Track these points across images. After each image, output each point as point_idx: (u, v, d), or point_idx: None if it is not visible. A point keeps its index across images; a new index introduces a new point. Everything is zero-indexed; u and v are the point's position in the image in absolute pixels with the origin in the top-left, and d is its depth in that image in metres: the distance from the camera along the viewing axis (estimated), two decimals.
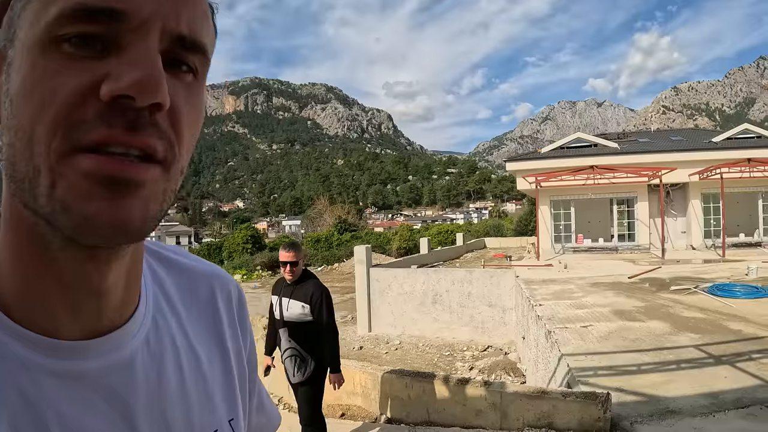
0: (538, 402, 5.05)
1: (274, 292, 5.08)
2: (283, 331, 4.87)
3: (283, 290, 4.95)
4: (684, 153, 26.10)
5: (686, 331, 8.82)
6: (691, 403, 5.52)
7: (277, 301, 4.96)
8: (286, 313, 4.88)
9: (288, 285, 4.94)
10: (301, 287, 4.90)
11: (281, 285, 5.02)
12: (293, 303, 4.86)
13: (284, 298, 4.90)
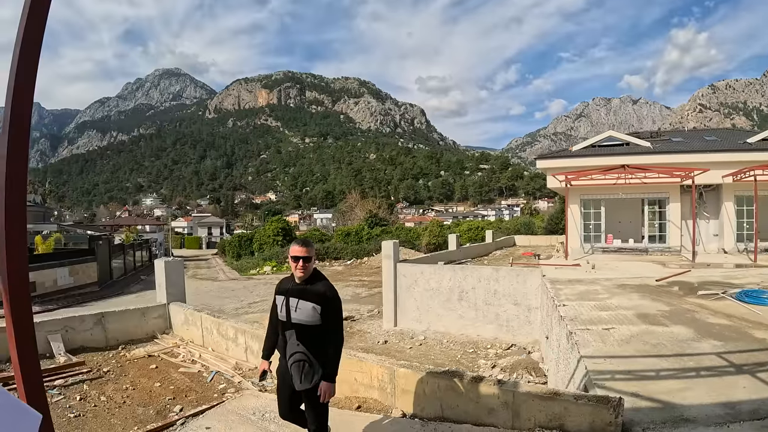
0: (550, 403, 5.14)
1: (280, 292, 4.61)
2: (290, 333, 4.47)
3: (291, 290, 4.53)
4: (717, 154, 25.55)
5: (709, 337, 8.75)
6: (706, 412, 5.53)
7: (283, 301, 4.52)
8: (295, 315, 4.45)
9: (297, 284, 4.54)
10: (311, 287, 4.51)
11: (288, 284, 4.60)
12: (303, 304, 4.44)
13: (293, 299, 4.48)
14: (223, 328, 9.14)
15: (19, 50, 2.91)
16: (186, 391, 7.45)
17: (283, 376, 4.60)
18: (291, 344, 4.44)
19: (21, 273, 3.00)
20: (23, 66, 2.96)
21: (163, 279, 10.93)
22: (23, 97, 2.95)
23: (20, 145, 2.92)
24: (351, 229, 59.56)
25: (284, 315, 4.48)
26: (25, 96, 2.96)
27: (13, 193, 2.90)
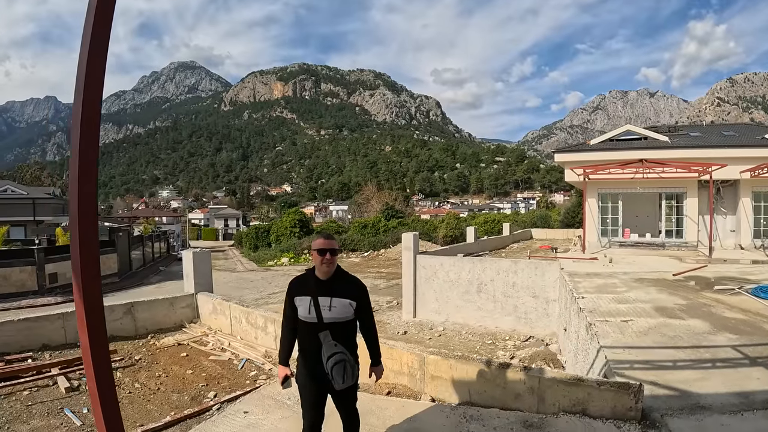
0: (574, 389, 5.39)
1: (302, 293, 4.25)
2: (325, 334, 4.12)
3: (318, 289, 4.21)
4: (735, 149, 25.50)
5: (725, 331, 8.93)
6: (721, 400, 5.75)
7: (309, 302, 4.18)
8: (328, 314, 4.17)
9: (322, 282, 4.25)
10: (342, 283, 4.31)
11: (310, 284, 4.28)
12: (338, 301, 4.20)
13: (323, 298, 4.18)
14: (253, 318, 9.43)
15: (87, 54, 3.15)
16: (218, 378, 7.75)
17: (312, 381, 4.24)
18: (328, 345, 4.09)
19: (93, 259, 3.22)
20: (91, 68, 3.18)
21: (191, 269, 11.22)
22: (92, 103, 3.17)
23: (91, 143, 3.14)
24: (368, 221, 59.74)
25: (314, 316, 4.15)
26: (94, 98, 3.18)
27: (84, 186, 3.12)
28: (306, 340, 4.21)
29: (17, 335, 9.13)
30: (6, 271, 23.77)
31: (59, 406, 6.68)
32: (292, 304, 4.25)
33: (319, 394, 4.27)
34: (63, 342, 9.47)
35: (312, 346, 4.13)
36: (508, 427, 5.22)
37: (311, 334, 4.12)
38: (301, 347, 4.28)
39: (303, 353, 4.26)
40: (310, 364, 4.18)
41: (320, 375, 4.09)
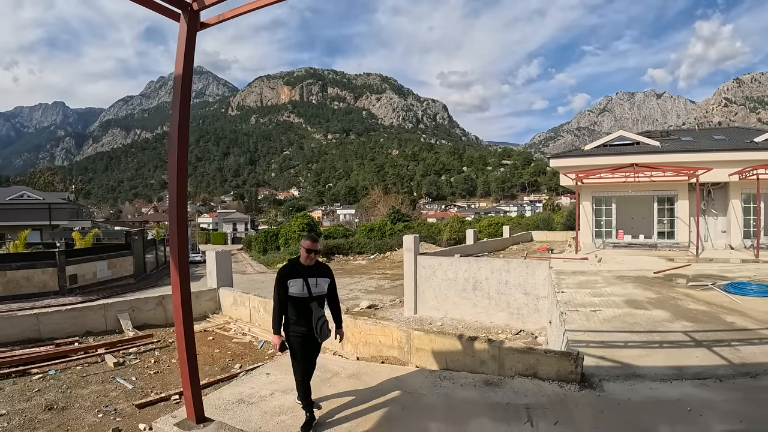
0: (526, 356, 6.80)
1: (295, 275, 5.62)
2: (315, 304, 5.62)
3: (305, 272, 5.65)
4: (723, 153, 26.45)
5: (683, 319, 10.17)
6: (657, 372, 7.07)
7: (302, 282, 5.57)
8: (316, 289, 5.67)
9: (306, 268, 5.69)
10: (318, 268, 5.81)
11: (297, 268, 5.68)
12: (321, 280, 5.74)
13: (311, 278, 5.64)
14: (270, 306, 10.81)
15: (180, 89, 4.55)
16: (241, 355, 9.18)
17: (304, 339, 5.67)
18: (317, 311, 5.60)
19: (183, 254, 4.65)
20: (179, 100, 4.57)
21: (214, 267, 12.68)
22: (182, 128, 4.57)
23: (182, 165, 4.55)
24: (374, 224, 60.80)
25: (306, 292, 5.58)
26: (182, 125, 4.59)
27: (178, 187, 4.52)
28: (299, 311, 5.60)
29: (64, 323, 10.57)
30: (29, 272, 24.98)
31: (110, 376, 8.09)
32: (285, 285, 5.59)
33: (310, 348, 5.78)
34: (104, 329, 10.92)
35: (304, 314, 5.58)
36: (472, 384, 6.67)
37: (303, 305, 5.59)
38: (294, 317, 5.64)
39: (296, 321, 5.64)
40: (302, 327, 5.61)
41: (309, 334, 5.60)
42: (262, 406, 6.25)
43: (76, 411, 6.66)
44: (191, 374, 5.06)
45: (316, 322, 5.57)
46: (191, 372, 5.08)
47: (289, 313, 5.67)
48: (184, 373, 5.08)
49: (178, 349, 5.20)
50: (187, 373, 5.02)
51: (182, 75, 4.72)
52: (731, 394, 6.15)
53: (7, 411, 6.62)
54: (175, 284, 5.01)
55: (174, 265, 5.10)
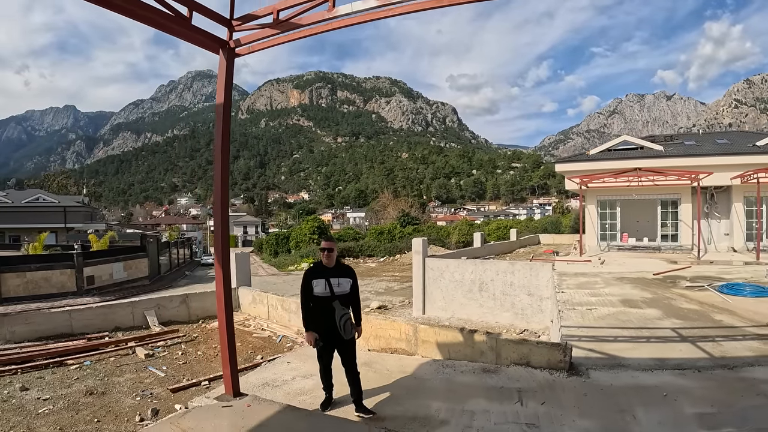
0: (520, 347, 7.57)
1: (318, 276, 6.10)
2: (337, 303, 6.03)
3: (328, 273, 6.11)
4: (725, 157, 26.87)
5: (673, 317, 10.84)
6: (640, 362, 7.78)
7: (325, 282, 6.03)
8: (338, 288, 6.08)
9: (328, 269, 6.15)
10: (340, 269, 6.24)
11: (320, 270, 6.17)
12: (343, 280, 6.16)
13: (333, 278, 6.08)
14: (287, 304, 11.63)
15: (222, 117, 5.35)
16: (262, 348, 9.97)
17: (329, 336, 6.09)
18: (339, 310, 6.04)
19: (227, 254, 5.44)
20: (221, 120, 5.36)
21: (234, 267, 13.46)
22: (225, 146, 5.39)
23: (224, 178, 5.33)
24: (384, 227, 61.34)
25: (328, 291, 6.02)
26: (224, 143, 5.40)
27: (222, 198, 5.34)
28: (322, 309, 6.06)
29: (95, 319, 11.39)
30: (47, 273, 25.70)
31: (143, 366, 8.88)
32: (310, 285, 6.08)
33: (331, 343, 6.19)
34: (131, 325, 11.74)
35: (327, 312, 6.03)
36: (471, 371, 7.45)
37: (326, 303, 6.04)
38: (319, 315, 6.10)
39: (320, 319, 6.10)
40: (325, 324, 6.07)
41: (332, 330, 6.06)
42: (285, 388, 7.02)
43: (115, 395, 7.43)
44: (230, 356, 5.89)
45: (339, 319, 6.05)
46: (230, 354, 5.91)
47: (316, 311, 6.11)
48: (224, 355, 5.90)
49: (220, 334, 6.07)
50: (227, 355, 5.85)
51: (224, 100, 5.50)
52: (707, 383, 6.79)
53: (50, 396, 7.38)
54: (219, 279, 5.87)
55: (218, 263, 5.99)
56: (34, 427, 6.31)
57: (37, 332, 10.78)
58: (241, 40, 5.56)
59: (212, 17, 5.34)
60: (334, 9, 4.87)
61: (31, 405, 7.05)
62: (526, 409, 6.07)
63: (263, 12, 5.30)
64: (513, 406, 6.19)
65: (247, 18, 5.44)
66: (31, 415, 6.69)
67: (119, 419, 6.53)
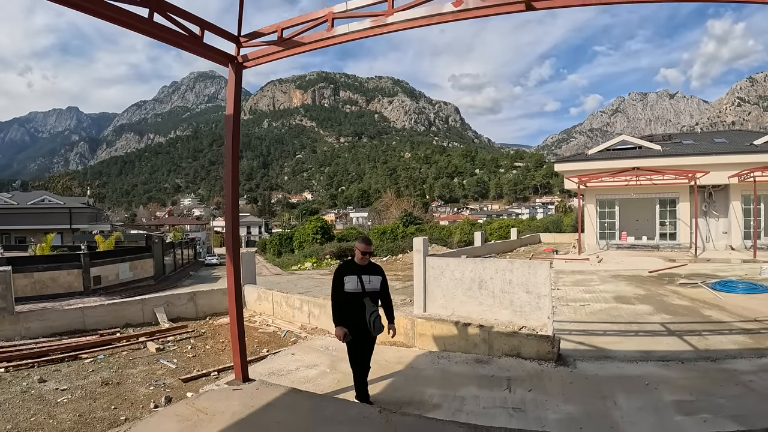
0: (511, 339, 8.04)
1: (350, 273, 6.24)
2: (368, 299, 6.16)
3: (360, 270, 6.27)
4: (722, 156, 27.22)
5: (663, 313, 11.28)
6: (626, 354, 8.23)
7: (356, 279, 6.17)
8: (369, 285, 6.23)
9: (360, 266, 6.32)
10: (373, 267, 6.45)
11: (354, 268, 6.32)
12: (374, 278, 6.32)
13: (365, 276, 6.23)
14: (291, 301, 12.09)
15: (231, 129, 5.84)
16: (267, 342, 10.41)
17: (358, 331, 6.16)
18: (369, 306, 6.16)
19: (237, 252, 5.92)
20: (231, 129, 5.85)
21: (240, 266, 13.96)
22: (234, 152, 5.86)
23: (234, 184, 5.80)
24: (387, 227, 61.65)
25: (360, 288, 6.16)
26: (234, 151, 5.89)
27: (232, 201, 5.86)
28: (353, 305, 6.16)
29: (106, 315, 11.86)
30: (55, 273, 26.16)
31: (154, 359, 9.31)
32: (341, 281, 6.20)
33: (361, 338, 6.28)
34: (141, 321, 12.21)
35: (358, 308, 6.16)
36: (465, 362, 7.92)
37: (357, 300, 6.16)
38: (349, 311, 6.18)
39: (350, 315, 6.17)
40: (355, 320, 6.16)
41: (362, 326, 6.17)
42: (290, 377, 7.48)
43: (130, 385, 7.86)
44: (240, 345, 6.41)
45: (369, 316, 6.18)
46: (240, 343, 6.43)
47: (346, 307, 6.21)
48: (234, 344, 6.42)
49: (230, 325, 6.61)
50: (237, 344, 6.36)
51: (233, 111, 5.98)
52: (689, 374, 7.22)
53: (68, 386, 7.81)
54: (230, 274, 6.41)
55: (229, 260, 6.63)
56: (55, 414, 6.69)
57: (51, 328, 11.24)
58: (248, 56, 6.07)
59: (221, 35, 5.82)
60: (333, 29, 5.35)
61: (50, 395, 7.44)
62: (513, 396, 6.52)
63: (268, 30, 5.79)
64: (502, 392, 6.64)
65: (254, 35, 5.93)
66: (50, 403, 7.08)
67: (135, 406, 6.95)
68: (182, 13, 5.11)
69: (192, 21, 5.28)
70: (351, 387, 6.56)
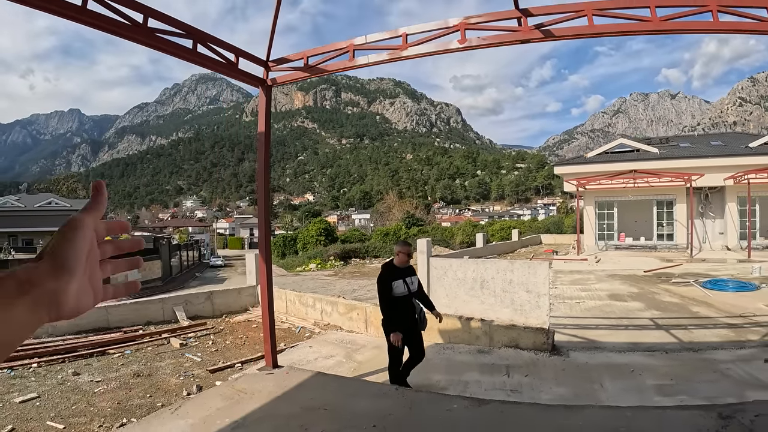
0: (510, 331, 8.77)
1: (395, 278, 6.48)
2: (413, 299, 6.66)
3: (402, 273, 6.56)
4: (718, 158, 27.89)
5: (654, 309, 11.97)
6: (615, 346, 8.93)
7: (402, 283, 6.46)
8: (412, 287, 6.63)
9: (401, 269, 6.60)
10: (410, 269, 6.75)
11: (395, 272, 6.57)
12: (414, 279, 6.74)
13: (407, 278, 6.56)
14: (304, 299, 12.86)
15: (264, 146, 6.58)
16: (283, 337, 11.12)
17: (407, 330, 6.50)
18: (416, 305, 6.73)
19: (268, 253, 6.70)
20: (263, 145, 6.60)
21: (253, 267, 14.71)
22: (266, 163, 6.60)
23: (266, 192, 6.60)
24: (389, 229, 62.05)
25: (406, 290, 6.51)
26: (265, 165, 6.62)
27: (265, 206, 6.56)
28: (403, 307, 6.54)
29: (129, 314, 12.60)
30: None
31: (179, 353, 10.03)
32: (390, 287, 6.42)
33: (411, 336, 6.63)
34: (162, 319, 12.94)
35: (408, 309, 6.59)
36: (468, 352, 8.67)
37: (407, 302, 6.59)
38: (399, 313, 6.51)
39: (400, 317, 6.51)
40: (403, 320, 6.50)
41: (412, 325, 6.62)
42: (311, 366, 8.21)
43: (161, 376, 8.57)
44: (271, 334, 7.15)
45: (418, 314, 6.71)
46: (271, 332, 7.17)
47: (396, 312, 6.48)
48: (266, 334, 7.17)
49: (262, 317, 7.36)
50: (268, 334, 7.09)
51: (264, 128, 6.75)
52: (671, 362, 7.93)
53: (102, 378, 8.50)
54: (263, 273, 7.19)
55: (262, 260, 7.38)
56: (94, 402, 7.35)
57: (77, 326, 11.93)
58: (276, 79, 6.87)
59: (253, 60, 6.58)
60: (354, 59, 6.12)
61: (86, 386, 8.08)
62: (511, 380, 7.26)
63: (295, 57, 6.58)
64: (501, 377, 7.39)
65: (282, 61, 6.72)
66: (88, 394, 7.72)
67: (168, 394, 7.64)
68: (220, 42, 5.87)
69: (228, 49, 6.04)
70: (366, 374, 7.35)
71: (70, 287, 0.72)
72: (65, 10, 4.32)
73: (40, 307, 0.69)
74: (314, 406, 5.54)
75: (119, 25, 4.74)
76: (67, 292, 0.71)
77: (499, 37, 5.68)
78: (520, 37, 5.59)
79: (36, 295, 0.68)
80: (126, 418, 6.62)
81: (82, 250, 0.75)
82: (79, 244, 0.75)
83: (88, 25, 4.53)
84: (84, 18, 4.46)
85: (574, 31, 5.49)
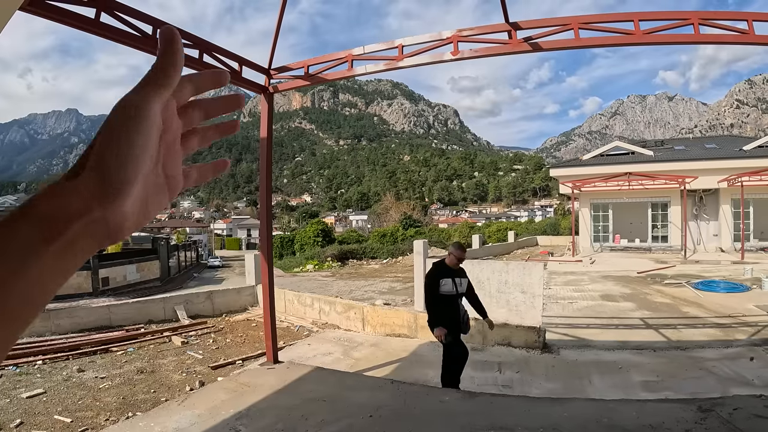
0: (503, 330, 9.05)
1: (445, 276, 6.49)
2: (460, 299, 6.60)
3: (453, 273, 6.57)
4: (712, 161, 28.20)
5: (645, 309, 12.23)
6: (605, 344, 9.21)
7: (451, 282, 6.44)
8: (461, 288, 6.57)
9: (453, 269, 6.61)
10: (461, 270, 6.76)
11: (445, 270, 6.59)
12: (464, 280, 6.69)
13: (457, 278, 6.54)
14: (302, 298, 13.14)
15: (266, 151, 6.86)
16: (283, 336, 11.36)
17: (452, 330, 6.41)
18: (461, 307, 6.63)
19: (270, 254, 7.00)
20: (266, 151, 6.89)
21: (252, 267, 15.01)
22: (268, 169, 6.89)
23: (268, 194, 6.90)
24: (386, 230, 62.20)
25: (454, 290, 6.47)
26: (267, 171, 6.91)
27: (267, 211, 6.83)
28: (448, 305, 6.48)
29: (131, 313, 12.89)
30: None
31: (181, 351, 10.30)
32: (437, 283, 6.44)
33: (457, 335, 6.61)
34: (163, 318, 13.22)
35: (453, 308, 6.52)
36: None
37: (452, 301, 6.53)
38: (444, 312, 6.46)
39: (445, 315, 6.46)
40: (449, 319, 6.46)
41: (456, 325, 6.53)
42: (309, 362, 8.46)
43: (164, 372, 8.83)
44: (272, 332, 7.42)
45: (462, 316, 6.62)
46: (272, 329, 7.45)
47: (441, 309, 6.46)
48: (267, 331, 7.47)
49: (264, 315, 7.65)
50: (269, 331, 7.37)
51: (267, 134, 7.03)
52: (658, 360, 8.21)
53: (106, 375, 8.75)
54: (264, 272, 7.43)
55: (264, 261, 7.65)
56: (99, 397, 7.59)
57: (79, 325, 12.21)
58: (277, 86, 7.17)
59: (256, 69, 6.89)
60: (352, 69, 6.43)
61: (91, 382, 8.32)
62: (503, 376, 7.55)
63: (296, 66, 6.91)
64: (493, 374, 7.68)
65: (283, 69, 7.05)
66: (93, 389, 7.97)
67: (172, 390, 7.89)
68: (224, 52, 6.17)
69: (232, 58, 6.34)
70: (363, 370, 7.61)
71: (125, 209, 0.51)
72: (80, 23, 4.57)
73: (83, 240, 0.49)
74: (314, 397, 5.85)
75: (130, 37, 5.00)
76: (123, 215, 0.51)
77: (490, 49, 5.99)
78: (510, 49, 5.89)
79: (72, 235, 0.48)
80: (131, 412, 6.85)
81: (144, 156, 0.51)
82: (140, 144, 0.51)
83: (100, 36, 4.79)
84: (97, 30, 4.72)
85: (561, 44, 5.78)
